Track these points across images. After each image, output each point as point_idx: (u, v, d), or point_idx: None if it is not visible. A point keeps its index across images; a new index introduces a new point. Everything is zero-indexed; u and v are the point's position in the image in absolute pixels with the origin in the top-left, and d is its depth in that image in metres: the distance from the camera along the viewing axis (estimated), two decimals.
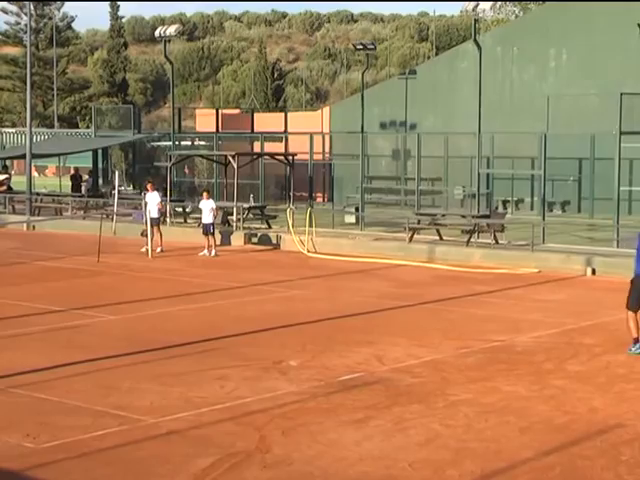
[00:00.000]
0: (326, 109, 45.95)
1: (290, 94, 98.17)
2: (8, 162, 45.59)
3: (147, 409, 11.13)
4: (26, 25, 65.67)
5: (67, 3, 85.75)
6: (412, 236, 27.04)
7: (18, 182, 41.24)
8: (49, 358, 13.63)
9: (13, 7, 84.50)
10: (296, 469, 9.25)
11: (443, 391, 12.10)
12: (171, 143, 37.49)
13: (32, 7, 75.28)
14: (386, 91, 41.90)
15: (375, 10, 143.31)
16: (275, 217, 30.96)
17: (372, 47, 42.04)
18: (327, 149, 40.78)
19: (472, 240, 26.24)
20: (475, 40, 29.34)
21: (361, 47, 41.70)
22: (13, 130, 60.08)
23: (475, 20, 30.91)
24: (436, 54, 67.66)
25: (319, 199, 39.42)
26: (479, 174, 29.52)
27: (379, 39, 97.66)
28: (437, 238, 27.15)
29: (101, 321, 16.79)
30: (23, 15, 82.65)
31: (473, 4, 32.38)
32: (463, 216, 28.39)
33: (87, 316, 17.16)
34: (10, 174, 42.91)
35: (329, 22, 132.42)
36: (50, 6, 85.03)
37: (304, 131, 38.00)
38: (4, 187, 39.25)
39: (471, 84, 30.89)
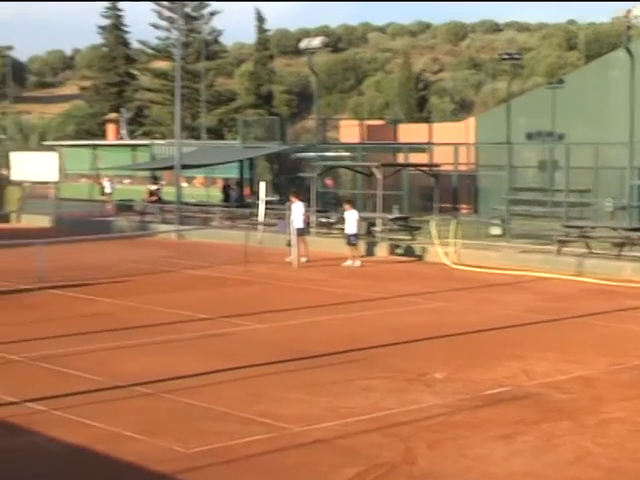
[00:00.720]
0: (471, 120, 45.52)
1: (434, 104, 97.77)
2: (158, 173, 46.87)
3: (294, 417, 11.21)
4: (176, 40, 67.35)
5: (215, 17, 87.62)
6: (560, 249, 26.49)
7: (168, 192, 42.38)
8: (198, 364, 13.91)
9: (164, 22, 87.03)
10: None
11: (594, 408, 11.77)
12: (316, 154, 37.82)
13: (182, 22, 77.38)
14: (533, 101, 41.20)
15: (521, 19, 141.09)
16: (419, 228, 30.82)
17: (518, 57, 41.42)
18: (472, 160, 40.38)
19: (623, 253, 25.51)
20: (627, 48, 28.55)
21: (507, 57, 41.12)
22: (163, 142, 61.77)
23: (627, 27, 30.08)
24: (585, 63, 66.21)
25: (464, 210, 39.03)
26: (631, 186, 28.68)
27: (525, 48, 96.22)
28: (586, 251, 26.50)
29: (248, 329, 17.04)
30: (173, 30, 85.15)
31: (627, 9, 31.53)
32: (614, 229, 27.63)
33: (234, 324, 17.45)
34: (160, 185, 44.13)
35: (474, 32, 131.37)
36: (199, 21, 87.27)
37: (449, 142, 37.73)
38: (155, 197, 40.39)
39: (622, 93, 30.07)
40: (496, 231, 30.83)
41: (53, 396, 12.06)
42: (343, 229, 28.09)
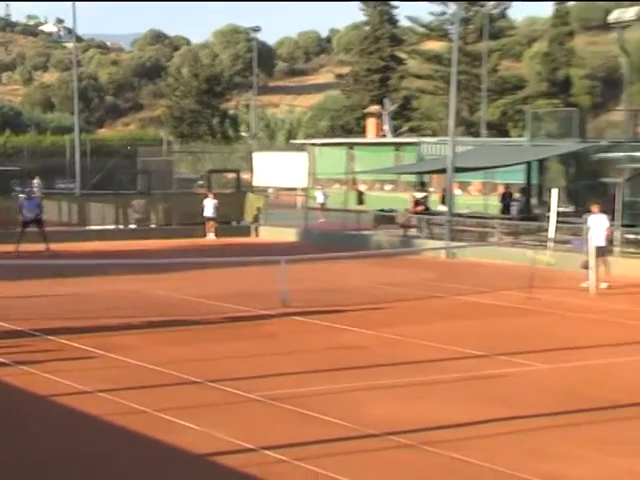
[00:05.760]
0: None
1: None
2: (426, 177, 47.38)
3: None
4: (453, 15, 67.92)
5: None
6: None
7: (436, 201, 42.72)
8: (467, 411, 13.95)
9: None
10: None
11: None
12: (623, 154, 36.99)
13: None
14: None
15: None
16: None
17: None
18: None
19: None
20: None
21: None
22: (433, 140, 62.40)
23: None
24: None
25: None
26: None
27: None
28: None
29: (529, 370, 16.91)
30: (450, 3, 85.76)
31: None
32: None
33: (512, 363, 17.36)
34: (428, 192, 44.54)
35: None
36: None
37: None
38: (421, 207, 40.80)
39: None
40: None
41: (295, 443, 12.40)
42: None
